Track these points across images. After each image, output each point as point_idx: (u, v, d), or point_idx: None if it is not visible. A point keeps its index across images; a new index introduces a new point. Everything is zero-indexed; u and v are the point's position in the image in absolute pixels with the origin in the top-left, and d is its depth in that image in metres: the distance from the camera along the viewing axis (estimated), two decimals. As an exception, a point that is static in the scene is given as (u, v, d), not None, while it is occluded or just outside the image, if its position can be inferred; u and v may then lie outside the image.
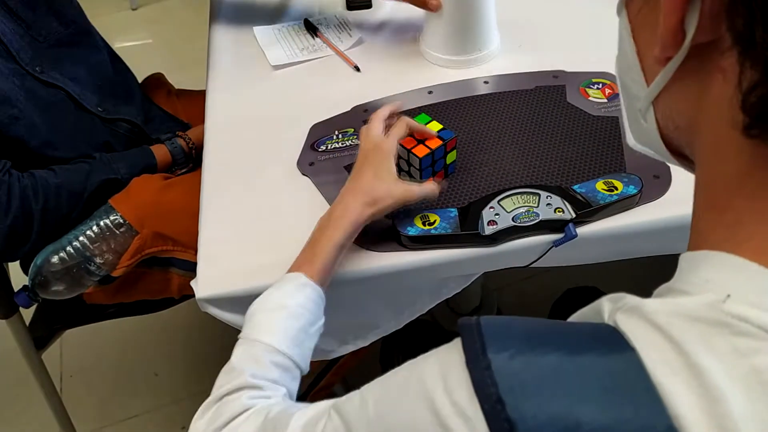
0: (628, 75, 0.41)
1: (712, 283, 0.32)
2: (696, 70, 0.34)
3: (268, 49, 1.10)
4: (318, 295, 0.66)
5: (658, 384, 0.31)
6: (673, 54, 0.34)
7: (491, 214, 0.76)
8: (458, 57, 1.02)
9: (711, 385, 0.29)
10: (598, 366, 0.32)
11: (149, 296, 1.08)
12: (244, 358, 0.61)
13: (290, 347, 0.62)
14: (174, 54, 2.41)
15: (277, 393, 0.60)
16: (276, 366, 0.61)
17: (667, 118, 0.38)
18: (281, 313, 0.63)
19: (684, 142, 0.38)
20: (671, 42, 0.33)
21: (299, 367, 0.63)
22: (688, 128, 0.36)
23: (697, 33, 0.32)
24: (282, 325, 0.63)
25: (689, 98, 0.35)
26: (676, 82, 0.36)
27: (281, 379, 0.61)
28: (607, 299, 0.36)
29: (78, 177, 0.97)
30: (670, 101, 0.37)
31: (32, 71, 0.97)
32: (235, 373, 0.60)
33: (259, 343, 0.61)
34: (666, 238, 0.79)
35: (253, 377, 0.59)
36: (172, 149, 1.08)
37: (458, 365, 0.34)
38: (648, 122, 0.40)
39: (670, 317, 0.32)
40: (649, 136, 0.40)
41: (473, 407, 0.33)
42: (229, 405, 0.58)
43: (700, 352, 0.30)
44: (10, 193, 0.89)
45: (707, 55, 0.33)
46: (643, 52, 0.38)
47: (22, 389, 1.46)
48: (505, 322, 0.36)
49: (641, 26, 0.38)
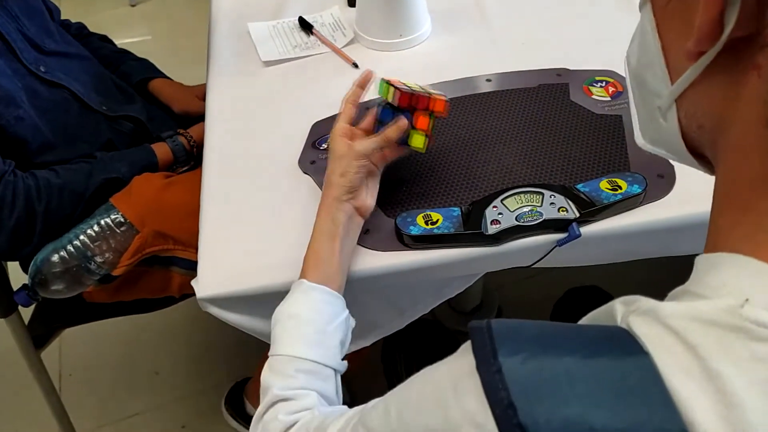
0: (649, 71, 0.39)
1: (730, 287, 0.31)
2: (728, 66, 0.32)
3: (260, 44, 1.10)
4: (325, 293, 0.67)
5: (672, 389, 0.30)
6: (708, 48, 0.33)
7: (494, 214, 0.75)
8: (387, 40, 1.04)
9: (728, 390, 0.29)
10: (612, 370, 0.31)
11: (150, 295, 1.07)
12: (270, 375, 0.64)
13: (309, 351, 0.63)
14: (172, 50, 2.40)
15: (309, 399, 0.61)
16: (300, 372, 0.63)
17: (690, 117, 0.37)
18: (292, 322, 0.66)
19: (706, 141, 0.37)
20: (708, 35, 0.32)
21: (327, 366, 0.64)
22: (713, 127, 0.35)
23: (735, 26, 0.30)
24: (295, 333, 0.65)
25: (717, 95, 0.34)
26: (704, 79, 0.34)
27: (309, 384, 0.62)
28: (620, 301, 0.36)
29: (79, 177, 0.96)
30: (696, 99, 0.36)
31: (36, 70, 0.97)
32: (265, 391, 0.63)
33: (280, 357, 0.64)
34: (670, 238, 0.78)
35: (281, 390, 0.61)
36: (174, 147, 1.08)
37: (468, 370, 0.34)
38: (668, 121, 0.38)
39: (686, 321, 0.31)
40: (667, 136, 0.39)
41: (484, 413, 0.32)
42: (270, 426, 0.60)
43: (717, 357, 0.29)
44: (15, 194, 0.89)
45: (742, 50, 0.31)
46: (670, 47, 0.37)
47: (21, 388, 1.46)
48: (516, 325, 0.35)
49: (669, 20, 0.37)
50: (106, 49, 1.25)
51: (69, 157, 0.99)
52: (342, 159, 0.72)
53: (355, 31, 1.09)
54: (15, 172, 0.91)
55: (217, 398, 1.44)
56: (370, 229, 0.78)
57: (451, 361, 0.37)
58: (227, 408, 1.41)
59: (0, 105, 0.90)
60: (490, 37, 1.07)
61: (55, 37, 1.05)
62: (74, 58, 1.07)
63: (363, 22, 1.07)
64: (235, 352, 1.55)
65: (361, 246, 0.77)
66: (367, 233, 0.78)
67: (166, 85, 1.25)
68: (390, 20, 1.04)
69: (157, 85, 1.24)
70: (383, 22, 1.04)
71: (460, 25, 1.10)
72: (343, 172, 0.71)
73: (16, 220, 0.90)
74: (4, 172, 0.90)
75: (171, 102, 1.23)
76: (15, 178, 0.90)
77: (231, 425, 1.40)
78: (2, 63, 0.92)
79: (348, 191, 0.72)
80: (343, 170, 0.72)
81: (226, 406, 1.41)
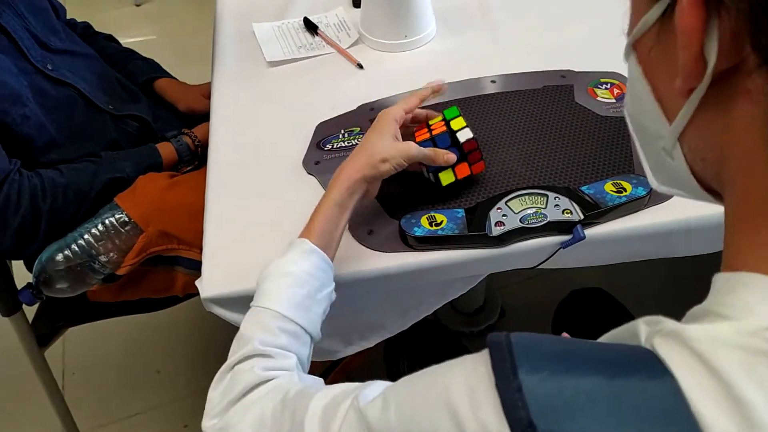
0: (646, 117, 0.39)
1: (753, 309, 0.31)
2: (721, 96, 0.33)
3: (265, 45, 1.10)
4: (323, 260, 0.67)
5: (698, 413, 0.30)
6: (697, 84, 0.33)
7: (499, 215, 0.75)
8: (392, 41, 1.05)
9: (754, 416, 0.28)
10: (636, 392, 0.31)
11: (153, 295, 1.07)
12: (252, 326, 0.62)
13: (296, 313, 0.62)
14: (177, 50, 2.41)
15: (288, 360, 0.60)
16: (283, 332, 0.61)
17: (694, 152, 0.37)
18: (286, 280, 0.64)
19: (711, 173, 0.37)
20: (693, 72, 0.32)
21: (308, 332, 0.64)
22: (715, 159, 0.35)
23: (718, 59, 0.31)
24: (287, 292, 0.63)
25: (715, 126, 0.34)
26: (700, 112, 0.35)
27: (290, 346, 0.61)
28: (644, 321, 0.35)
29: (85, 176, 0.97)
30: (696, 133, 0.36)
31: (43, 68, 0.97)
32: (244, 340, 0.61)
33: (266, 310, 0.62)
34: (675, 241, 0.78)
35: (262, 344, 0.60)
36: (178, 147, 1.08)
37: (486, 382, 0.33)
38: (676, 159, 0.38)
39: (710, 344, 0.31)
40: (677, 174, 0.39)
41: (501, 429, 0.32)
42: (243, 375, 0.58)
43: (743, 382, 0.29)
44: (20, 193, 0.89)
45: (730, 79, 0.32)
46: (661, 89, 0.37)
47: (24, 386, 1.46)
48: (536, 340, 0.35)
49: (655, 64, 0.37)
50: (112, 48, 1.25)
51: (74, 155, 0.99)
52: (390, 147, 0.71)
53: (360, 32, 1.09)
54: (20, 170, 0.91)
55: (219, 398, 1.44)
56: (374, 230, 0.78)
57: (465, 368, 0.36)
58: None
59: (6, 103, 0.90)
60: (495, 39, 1.07)
61: (60, 35, 1.05)
62: (80, 56, 1.07)
63: (368, 23, 1.07)
64: (237, 351, 1.55)
65: (365, 247, 0.77)
66: (371, 234, 0.78)
67: (171, 85, 1.26)
68: (395, 21, 1.04)
69: (162, 84, 1.25)
70: (388, 23, 1.04)
71: (465, 26, 1.10)
72: (385, 159, 0.71)
73: (21, 218, 0.90)
74: (9, 171, 0.90)
75: (176, 101, 1.24)
76: (20, 177, 0.90)
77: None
78: (9, 61, 0.92)
79: (377, 177, 0.72)
80: (387, 157, 0.71)
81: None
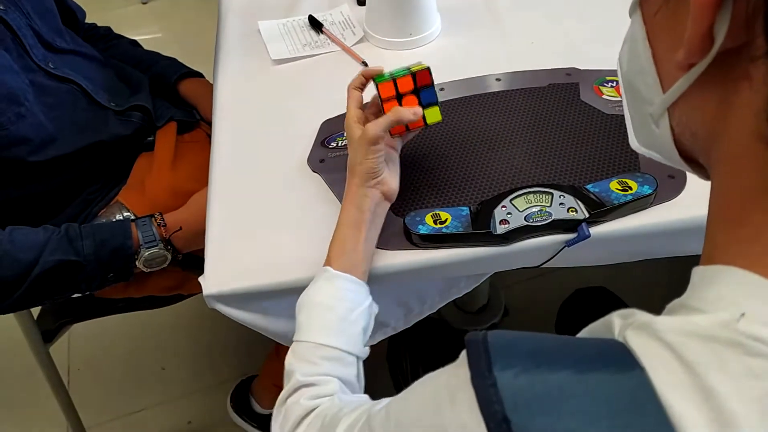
0: (640, 78, 0.38)
1: (726, 301, 0.31)
2: (720, 77, 0.32)
3: (270, 43, 1.10)
4: (348, 281, 0.68)
5: (667, 405, 0.30)
6: (698, 60, 0.32)
7: (503, 213, 0.75)
8: (397, 39, 1.04)
9: (723, 408, 0.28)
10: (606, 385, 0.31)
11: (161, 293, 1.07)
12: (295, 361, 0.65)
13: (332, 339, 0.64)
14: (183, 48, 2.40)
15: (330, 386, 0.62)
16: (323, 359, 0.63)
17: (683, 125, 0.36)
18: (316, 309, 0.67)
19: (699, 149, 0.36)
20: (698, 48, 0.31)
21: (350, 353, 0.65)
22: (706, 137, 0.35)
23: (726, 38, 0.30)
24: (318, 321, 0.66)
25: (709, 106, 0.33)
26: (696, 89, 0.34)
27: (332, 370, 0.63)
28: (618, 315, 0.35)
29: (31, 247, 0.85)
30: (688, 108, 0.35)
31: (45, 66, 0.97)
32: (289, 376, 0.64)
33: (302, 343, 0.65)
34: (680, 240, 0.78)
35: (303, 375, 0.62)
36: (143, 230, 0.92)
37: (465, 382, 0.34)
38: (661, 128, 0.38)
39: (681, 336, 0.31)
40: (660, 142, 0.39)
41: (478, 426, 0.32)
42: (293, 408, 0.61)
43: (713, 373, 0.29)
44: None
45: (734, 62, 0.31)
46: (660, 56, 0.36)
47: (29, 382, 1.47)
48: (512, 338, 0.35)
49: (659, 29, 0.36)
50: (138, 51, 1.25)
51: (71, 150, 0.97)
52: (360, 146, 0.71)
53: (365, 30, 1.09)
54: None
55: (223, 395, 1.45)
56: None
57: (449, 371, 0.37)
58: (233, 405, 1.42)
59: (2, 103, 0.89)
60: (500, 37, 1.07)
61: (65, 37, 1.05)
62: (83, 57, 1.07)
63: (373, 21, 1.07)
64: (241, 349, 1.55)
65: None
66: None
67: (192, 91, 1.23)
68: (400, 19, 1.04)
69: (185, 88, 1.22)
70: (393, 21, 1.04)
71: (470, 24, 1.10)
72: (361, 160, 0.71)
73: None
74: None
75: (196, 105, 1.22)
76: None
77: (236, 422, 1.41)
78: (10, 59, 0.92)
79: (369, 178, 0.71)
80: (361, 158, 0.71)
81: (232, 403, 1.42)
